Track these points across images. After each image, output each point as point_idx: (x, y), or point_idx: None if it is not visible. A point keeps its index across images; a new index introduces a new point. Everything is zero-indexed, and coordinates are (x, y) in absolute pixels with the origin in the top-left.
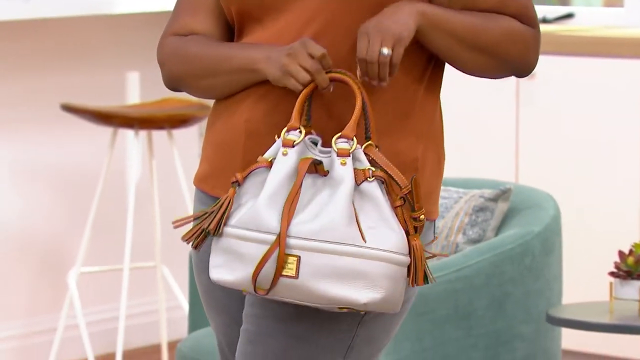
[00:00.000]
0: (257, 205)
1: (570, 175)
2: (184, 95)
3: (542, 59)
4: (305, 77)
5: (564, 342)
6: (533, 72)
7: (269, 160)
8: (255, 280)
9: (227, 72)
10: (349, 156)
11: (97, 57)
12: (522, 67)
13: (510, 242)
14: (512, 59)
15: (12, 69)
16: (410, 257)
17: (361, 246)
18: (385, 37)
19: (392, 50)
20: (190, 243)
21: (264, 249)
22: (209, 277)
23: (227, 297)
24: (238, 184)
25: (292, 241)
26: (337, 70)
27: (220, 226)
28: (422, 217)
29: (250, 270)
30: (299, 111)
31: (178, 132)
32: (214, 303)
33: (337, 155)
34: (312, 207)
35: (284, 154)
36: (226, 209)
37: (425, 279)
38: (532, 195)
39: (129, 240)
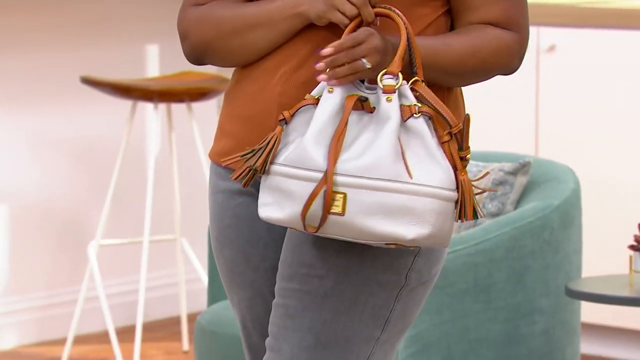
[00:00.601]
0: (304, 143)
1: (590, 149)
2: (203, 68)
3: (562, 31)
4: (352, 9)
5: (584, 315)
6: (553, 43)
7: (316, 97)
8: (305, 218)
9: (265, 24)
10: (395, 92)
11: (117, 30)
12: (505, 72)
13: (530, 215)
14: (496, 70)
15: (32, 42)
16: (458, 192)
17: (408, 182)
18: (374, 53)
19: (370, 67)
20: (239, 182)
21: (312, 186)
22: (232, 251)
23: (253, 271)
24: (285, 122)
25: (338, 178)
26: (382, 5)
27: (267, 164)
28: (468, 156)
29: (299, 208)
30: None
31: (197, 105)
32: (239, 278)
33: (383, 92)
34: (358, 144)
35: (330, 91)
36: (273, 146)
37: (475, 214)
38: (552, 169)
39: (148, 212)
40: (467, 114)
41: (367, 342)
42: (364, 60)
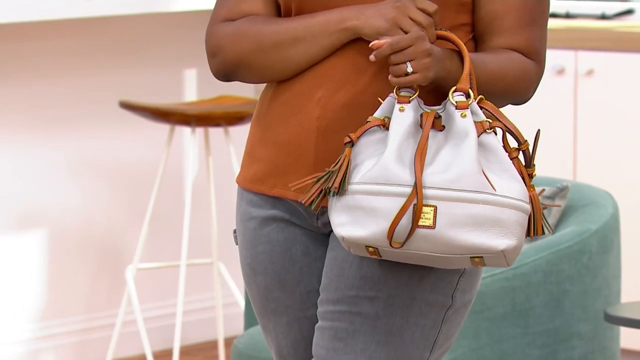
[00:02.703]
0: (385, 160)
1: (629, 173)
2: (240, 92)
3: (600, 55)
4: (418, 31)
5: (623, 341)
6: (591, 68)
7: (382, 118)
8: (392, 233)
9: (308, 39)
10: (468, 109)
11: (155, 55)
12: (519, 102)
13: (568, 240)
14: (516, 96)
15: (72, 66)
16: (530, 208)
17: (494, 194)
18: (421, 57)
19: (412, 72)
20: (309, 205)
21: (400, 201)
22: (267, 278)
23: (289, 296)
24: (352, 143)
25: (427, 192)
26: (441, 28)
27: (343, 184)
28: (534, 173)
29: (385, 224)
30: None
31: (234, 129)
32: (274, 304)
33: (457, 108)
34: (440, 159)
35: (401, 110)
36: (347, 167)
37: (543, 230)
38: (590, 193)
39: (185, 236)
40: (539, 130)
41: None
42: (408, 65)
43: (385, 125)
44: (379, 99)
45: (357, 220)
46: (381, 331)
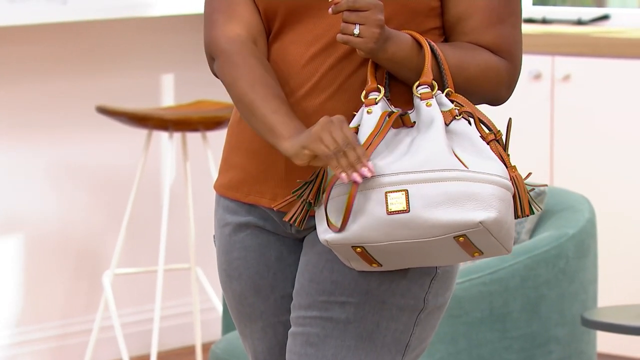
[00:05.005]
0: None
1: (606, 178)
2: (218, 97)
3: (577, 60)
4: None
5: (600, 345)
6: (568, 73)
7: (355, 127)
8: (345, 223)
9: (259, 126)
10: (433, 98)
11: (132, 59)
12: (493, 100)
13: (545, 244)
14: (483, 94)
15: (48, 71)
16: (513, 187)
17: (465, 170)
18: (375, 26)
19: (357, 35)
20: (293, 222)
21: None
22: (242, 283)
23: (263, 302)
24: None
25: (395, 178)
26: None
27: (319, 195)
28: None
29: (362, 219)
30: (372, 73)
31: (212, 134)
32: (249, 309)
33: (421, 100)
34: (404, 146)
35: (369, 112)
36: (322, 178)
37: (531, 210)
38: (567, 198)
39: (163, 241)
40: (510, 118)
41: None
42: (357, 27)
43: (358, 132)
44: (354, 112)
45: (336, 222)
46: (352, 336)
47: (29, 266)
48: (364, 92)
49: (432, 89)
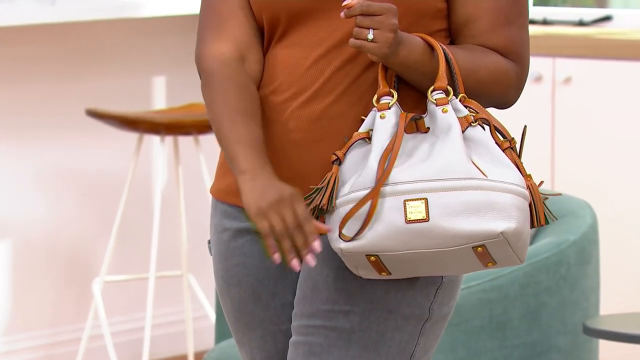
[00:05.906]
0: (369, 166)
1: (608, 182)
2: None
3: (578, 62)
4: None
5: (602, 353)
6: (569, 75)
7: (366, 132)
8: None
9: (227, 156)
10: (448, 104)
11: (123, 62)
12: (501, 104)
13: (546, 251)
14: (491, 97)
15: (38, 73)
16: (529, 196)
17: (486, 179)
18: (385, 30)
19: (371, 40)
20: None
21: (381, 202)
22: (241, 290)
23: (263, 310)
24: (339, 161)
25: (413, 186)
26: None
27: (332, 200)
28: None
29: (379, 227)
30: (383, 77)
31: (205, 138)
32: (248, 317)
33: (437, 105)
34: (422, 153)
35: (382, 117)
36: (334, 184)
37: (546, 219)
38: (568, 203)
39: (154, 248)
40: (525, 126)
41: None
42: (371, 32)
43: (369, 137)
44: (362, 117)
45: (350, 229)
46: (356, 346)
47: (16, 273)
48: (375, 96)
49: (447, 94)
